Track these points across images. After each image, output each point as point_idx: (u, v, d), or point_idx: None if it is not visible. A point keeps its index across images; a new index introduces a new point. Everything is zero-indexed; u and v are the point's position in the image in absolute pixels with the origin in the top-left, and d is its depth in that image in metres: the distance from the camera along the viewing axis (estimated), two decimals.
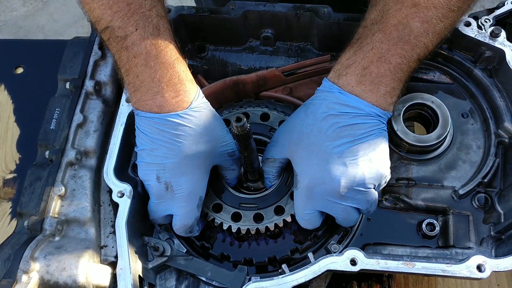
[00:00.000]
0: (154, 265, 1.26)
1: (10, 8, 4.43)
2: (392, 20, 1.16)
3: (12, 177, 1.95)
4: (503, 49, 1.33)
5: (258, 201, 1.28)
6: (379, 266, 1.14)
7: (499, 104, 1.37)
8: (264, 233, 1.24)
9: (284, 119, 1.34)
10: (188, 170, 1.20)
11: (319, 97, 1.20)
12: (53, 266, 1.13)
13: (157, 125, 1.18)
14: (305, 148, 1.17)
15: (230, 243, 1.29)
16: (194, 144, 1.18)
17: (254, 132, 1.30)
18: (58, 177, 1.27)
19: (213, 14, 1.45)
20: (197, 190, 1.22)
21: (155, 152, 1.20)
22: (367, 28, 1.20)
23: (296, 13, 1.42)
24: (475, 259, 1.12)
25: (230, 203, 1.28)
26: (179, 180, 1.19)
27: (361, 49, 1.17)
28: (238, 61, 1.54)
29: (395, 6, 1.16)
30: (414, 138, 1.32)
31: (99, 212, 1.29)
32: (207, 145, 1.20)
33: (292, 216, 1.23)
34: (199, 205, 1.23)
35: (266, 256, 1.27)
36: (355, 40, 1.22)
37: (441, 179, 1.34)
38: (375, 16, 1.19)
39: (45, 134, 1.34)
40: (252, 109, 1.38)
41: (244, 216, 1.25)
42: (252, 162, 1.26)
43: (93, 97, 1.38)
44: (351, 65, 1.17)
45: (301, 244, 1.28)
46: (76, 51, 1.44)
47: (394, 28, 1.15)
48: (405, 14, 1.15)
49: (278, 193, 1.28)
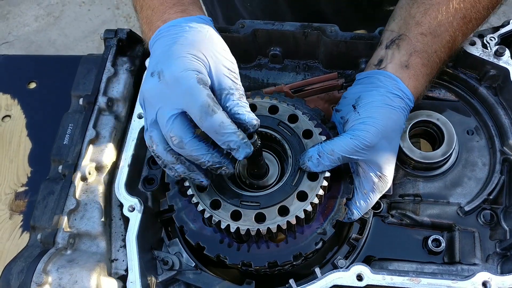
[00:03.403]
0: (164, 278, 1.28)
1: (22, 23, 4.52)
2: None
3: (24, 190, 1.98)
4: (507, 68, 1.36)
5: (261, 200, 1.16)
6: (385, 282, 1.15)
7: (504, 121, 1.39)
8: (265, 235, 1.15)
9: (294, 112, 1.24)
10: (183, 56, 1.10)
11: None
12: (65, 279, 1.16)
13: (164, 33, 1.17)
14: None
15: (228, 245, 1.20)
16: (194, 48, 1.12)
17: (261, 125, 1.18)
18: (71, 192, 1.30)
19: (223, 32, 1.48)
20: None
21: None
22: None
23: (304, 32, 1.45)
24: (481, 275, 1.14)
25: (230, 200, 1.17)
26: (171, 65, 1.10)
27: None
28: (247, 78, 1.57)
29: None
30: (420, 155, 1.34)
31: (110, 226, 1.32)
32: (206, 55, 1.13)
33: (297, 218, 1.14)
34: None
35: (266, 261, 1.18)
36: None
37: (447, 195, 1.35)
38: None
39: (59, 149, 1.38)
40: (261, 100, 1.27)
41: (244, 215, 1.14)
42: (259, 169, 1.23)
43: (105, 113, 1.42)
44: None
45: (306, 250, 1.18)
46: (89, 68, 1.48)
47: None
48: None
49: (284, 192, 1.17)
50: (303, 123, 1.23)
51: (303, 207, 1.14)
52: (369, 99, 1.21)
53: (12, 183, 2.00)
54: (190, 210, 1.22)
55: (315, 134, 1.21)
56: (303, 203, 1.14)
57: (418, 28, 1.25)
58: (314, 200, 1.14)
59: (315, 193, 1.15)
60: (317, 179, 1.16)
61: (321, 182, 1.16)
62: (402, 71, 1.23)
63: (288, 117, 1.24)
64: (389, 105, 1.19)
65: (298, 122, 1.23)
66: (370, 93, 1.22)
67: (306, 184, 1.16)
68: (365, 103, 1.21)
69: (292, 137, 1.22)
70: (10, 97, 2.17)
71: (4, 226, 1.93)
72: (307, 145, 1.20)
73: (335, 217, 1.20)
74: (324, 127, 1.28)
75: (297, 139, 1.21)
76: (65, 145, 1.37)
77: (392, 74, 1.23)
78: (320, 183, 1.16)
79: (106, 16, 4.45)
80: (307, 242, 1.19)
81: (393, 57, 1.25)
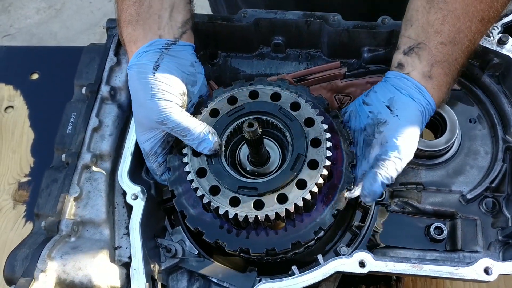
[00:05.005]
0: (167, 266, 1.29)
1: (24, 16, 4.52)
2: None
3: (27, 181, 2.00)
4: (510, 56, 1.35)
5: (260, 187, 1.16)
6: (387, 268, 1.16)
7: (506, 110, 1.39)
8: (264, 222, 1.15)
9: (297, 100, 1.24)
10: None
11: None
12: (69, 265, 1.17)
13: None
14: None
15: (227, 231, 1.20)
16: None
17: (262, 111, 1.25)
18: (74, 180, 1.31)
19: (225, 21, 1.48)
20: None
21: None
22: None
23: (307, 21, 1.45)
24: (483, 262, 1.14)
25: (229, 186, 1.17)
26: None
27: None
28: (249, 67, 1.57)
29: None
30: (424, 143, 1.34)
31: (114, 214, 1.32)
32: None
33: (296, 206, 1.14)
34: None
35: (264, 248, 1.18)
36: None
37: (449, 183, 1.36)
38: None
39: (62, 138, 1.38)
40: (263, 87, 1.27)
41: (243, 202, 1.14)
42: (260, 157, 1.24)
43: (108, 102, 1.42)
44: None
45: (305, 239, 1.19)
46: (92, 57, 1.48)
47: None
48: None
49: (283, 179, 1.16)
50: (305, 111, 1.23)
51: (302, 196, 1.14)
52: (404, 104, 1.23)
53: (15, 173, 2.02)
54: (190, 195, 1.23)
55: (317, 122, 1.21)
56: (302, 192, 1.14)
57: (437, 37, 1.23)
58: (314, 189, 1.14)
59: (314, 181, 1.15)
60: (317, 167, 1.16)
61: (321, 171, 1.15)
62: (426, 81, 1.24)
63: (290, 105, 1.24)
64: (420, 112, 1.22)
65: (300, 109, 1.23)
66: (405, 98, 1.23)
67: (306, 172, 1.16)
68: (402, 107, 1.22)
69: (293, 124, 1.22)
70: (13, 88, 2.19)
71: (8, 216, 1.95)
72: (308, 133, 1.20)
73: (335, 206, 1.20)
74: (327, 115, 1.28)
75: (298, 126, 1.21)
76: (68, 133, 1.38)
77: (418, 83, 1.23)
78: (320, 171, 1.15)
79: (108, 9, 4.44)
80: (306, 230, 1.19)
81: (414, 66, 1.25)
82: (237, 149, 1.31)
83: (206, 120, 1.24)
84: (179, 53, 1.30)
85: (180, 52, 1.30)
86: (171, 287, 1.30)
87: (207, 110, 1.26)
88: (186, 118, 1.21)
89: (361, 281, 1.47)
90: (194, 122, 1.20)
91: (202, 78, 1.35)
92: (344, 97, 1.48)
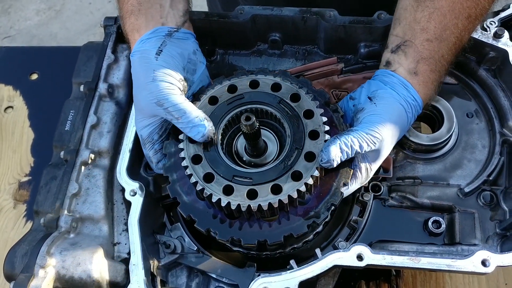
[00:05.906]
0: (166, 262, 1.29)
1: (24, 17, 4.53)
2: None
3: (27, 180, 2.01)
4: (506, 49, 1.36)
5: (255, 176, 1.16)
6: (385, 261, 1.16)
7: (503, 103, 1.39)
8: (256, 213, 1.14)
9: (297, 92, 1.23)
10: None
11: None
12: (69, 261, 1.17)
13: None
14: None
15: (220, 220, 1.19)
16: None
17: (261, 102, 1.24)
18: (73, 177, 1.31)
19: (222, 18, 1.49)
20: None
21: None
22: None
23: (303, 17, 1.45)
24: (480, 254, 1.14)
25: (223, 174, 1.16)
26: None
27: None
28: (246, 64, 1.57)
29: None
30: (427, 138, 1.35)
31: (112, 210, 1.33)
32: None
33: (290, 197, 1.13)
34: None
35: (256, 239, 1.17)
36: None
37: (447, 177, 1.36)
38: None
39: (60, 135, 1.39)
40: (264, 77, 1.26)
41: (236, 191, 1.14)
42: (258, 149, 1.25)
43: (106, 99, 1.43)
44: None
45: (298, 232, 1.17)
46: (89, 55, 1.49)
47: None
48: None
49: (279, 170, 1.16)
50: (305, 102, 1.22)
51: (296, 187, 1.13)
52: (385, 95, 1.23)
53: (16, 173, 2.02)
54: (185, 182, 1.21)
55: (316, 114, 1.20)
56: (297, 183, 1.14)
57: (423, 34, 1.25)
58: (309, 181, 1.14)
59: (310, 173, 1.14)
60: (314, 160, 1.16)
61: (317, 164, 1.15)
62: (412, 78, 1.25)
63: (291, 96, 1.23)
64: (403, 106, 1.23)
65: (300, 101, 1.22)
66: (387, 90, 1.24)
67: (301, 164, 1.16)
68: (382, 97, 1.23)
69: (292, 116, 1.22)
70: (12, 88, 2.19)
71: (8, 215, 1.95)
72: (307, 125, 1.20)
73: (331, 200, 1.19)
74: (327, 109, 1.27)
75: (297, 118, 1.21)
76: (66, 131, 1.38)
77: (403, 79, 1.24)
78: (316, 164, 1.15)
79: (107, 9, 4.46)
80: (300, 223, 1.18)
81: (400, 63, 1.26)
82: (235, 138, 1.30)
83: (205, 107, 1.24)
84: (182, 40, 1.31)
85: (182, 39, 1.31)
86: (170, 283, 1.31)
87: (206, 97, 1.26)
88: (184, 101, 1.20)
89: (361, 276, 1.47)
90: (191, 107, 1.20)
91: (203, 68, 1.35)
92: (341, 92, 1.48)
